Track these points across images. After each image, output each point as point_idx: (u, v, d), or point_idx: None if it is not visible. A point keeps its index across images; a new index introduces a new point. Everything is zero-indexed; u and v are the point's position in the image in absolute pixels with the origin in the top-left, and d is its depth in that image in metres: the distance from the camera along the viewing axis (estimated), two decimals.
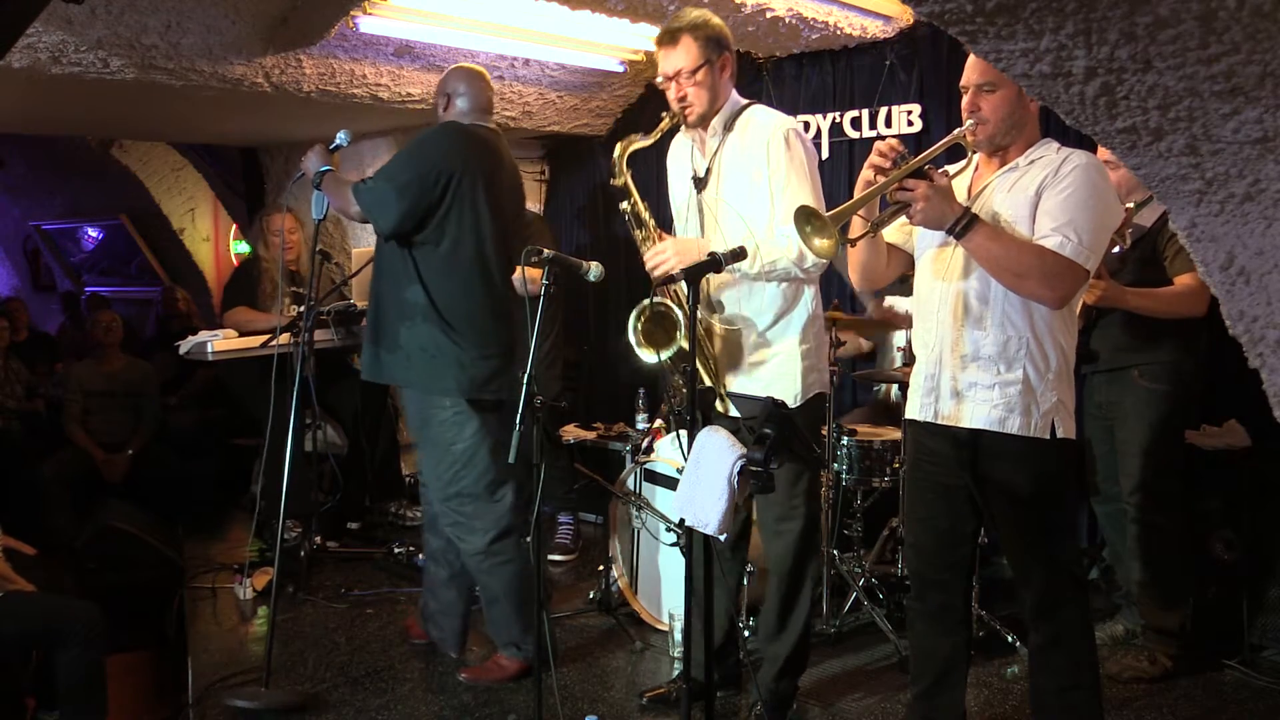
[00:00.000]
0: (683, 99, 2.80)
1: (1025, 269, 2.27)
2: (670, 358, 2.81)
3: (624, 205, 2.91)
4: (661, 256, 2.82)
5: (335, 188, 3.31)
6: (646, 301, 2.83)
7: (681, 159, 3.02)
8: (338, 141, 3.41)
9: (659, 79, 2.85)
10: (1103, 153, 2.77)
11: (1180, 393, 3.33)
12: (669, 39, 2.77)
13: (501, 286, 3.33)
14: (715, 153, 2.87)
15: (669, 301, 2.84)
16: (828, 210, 2.33)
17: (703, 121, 2.85)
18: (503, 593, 3.31)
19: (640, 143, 2.88)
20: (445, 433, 3.26)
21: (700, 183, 2.91)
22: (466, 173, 3.19)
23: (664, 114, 2.86)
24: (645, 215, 2.91)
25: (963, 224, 2.28)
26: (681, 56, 2.76)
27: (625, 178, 2.88)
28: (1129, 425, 3.36)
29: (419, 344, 3.22)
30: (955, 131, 2.43)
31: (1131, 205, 3.37)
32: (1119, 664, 3.37)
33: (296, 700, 3.22)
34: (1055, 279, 2.27)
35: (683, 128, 2.93)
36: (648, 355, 2.84)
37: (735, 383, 2.90)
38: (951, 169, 2.50)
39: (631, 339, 2.85)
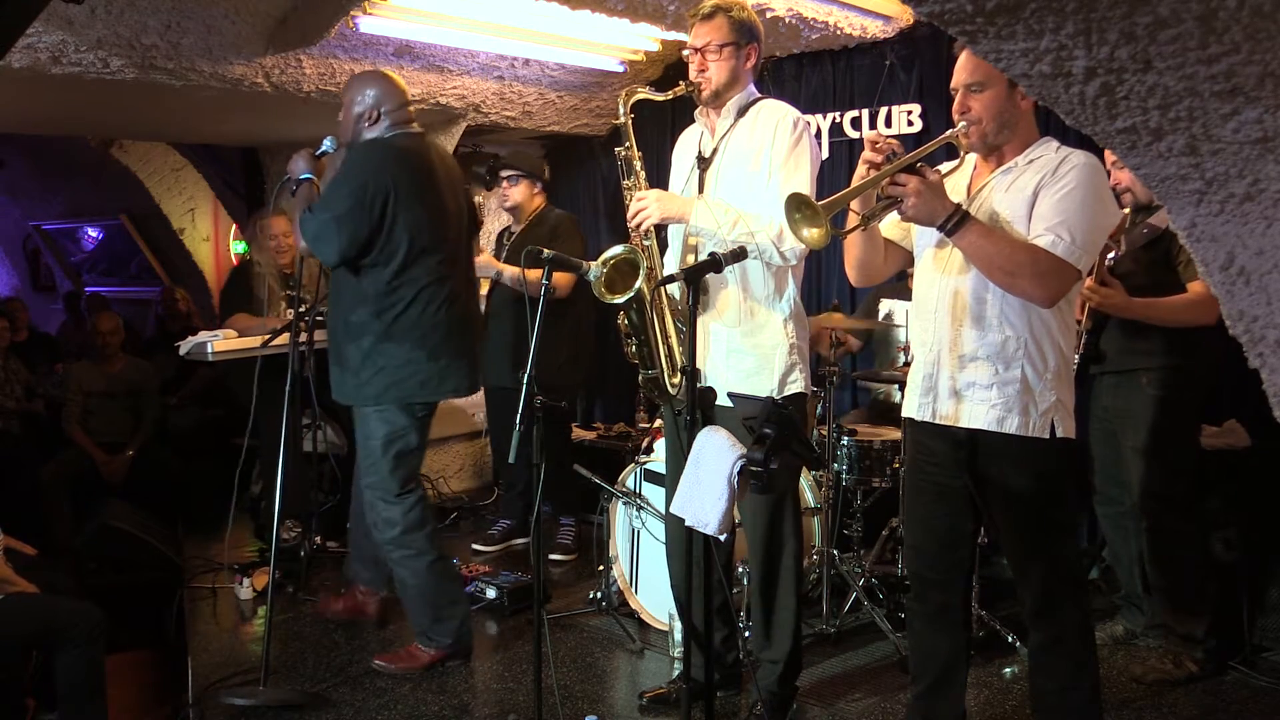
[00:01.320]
0: (702, 71, 2.86)
1: (1016, 267, 2.27)
2: (623, 304, 2.84)
3: (619, 150, 2.95)
4: (642, 203, 2.87)
5: (296, 209, 3.35)
6: (618, 249, 2.85)
7: (689, 147, 3.05)
8: (324, 147, 3.42)
9: (686, 51, 2.92)
10: (1108, 155, 2.77)
11: (1188, 397, 3.31)
12: (706, 14, 2.87)
13: (457, 288, 3.39)
14: (725, 134, 2.92)
15: (639, 252, 2.86)
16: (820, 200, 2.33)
17: (715, 100, 2.90)
18: (411, 583, 3.44)
19: (646, 93, 2.93)
20: (367, 424, 3.40)
21: (705, 162, 2.94)
22: (400, 187, 3.23)
23: (681, 81, 2.92)
24: (637, 164, 2.95)
25: (954, 221, 2.28)
26: (712, 30, 2.85)
27: (627, 121, 2.92)
28: (1139, 431, 3.33)
29: (373, 361, 3.30)
30: (948, 132, 2.43)
31: (1129, 210, 3.36)
32: (1144, 665, 3.36)
33: (294, 698, 3.22)
34: (1046, 278, 2.27)
35: (697, 114, 2.99)
36: (607, 298, 2.86)
37: (711, 374, 2.89)
38: (944, 167, 2.50)
39: (592, 276, 2.86)
